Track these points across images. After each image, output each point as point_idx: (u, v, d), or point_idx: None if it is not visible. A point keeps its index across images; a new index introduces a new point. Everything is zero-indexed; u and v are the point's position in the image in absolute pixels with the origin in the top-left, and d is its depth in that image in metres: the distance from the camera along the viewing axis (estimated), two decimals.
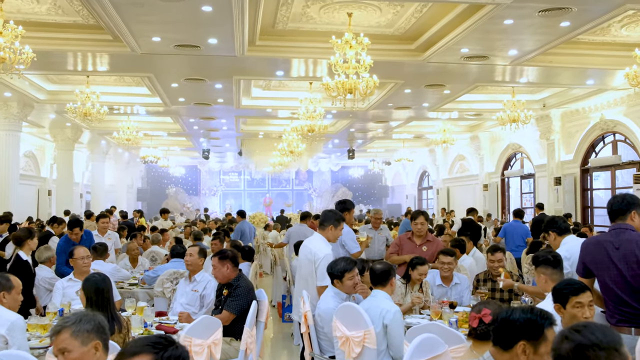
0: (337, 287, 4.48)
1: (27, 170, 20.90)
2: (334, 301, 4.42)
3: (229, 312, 4.75)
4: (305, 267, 5.06)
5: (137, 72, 11.67)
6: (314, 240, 5.12)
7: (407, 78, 12.07)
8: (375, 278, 4.37)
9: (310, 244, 5.09)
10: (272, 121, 19.19)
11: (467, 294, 5.60)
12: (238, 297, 4.77)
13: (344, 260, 4.58)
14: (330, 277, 4.50)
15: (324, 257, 4.85)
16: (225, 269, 4.90)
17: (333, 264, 4.54)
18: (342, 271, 4.45)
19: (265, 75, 12.01)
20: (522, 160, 19.65)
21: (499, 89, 14.52)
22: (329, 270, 4.53)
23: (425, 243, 6.29)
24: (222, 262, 4.91)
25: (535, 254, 4.37)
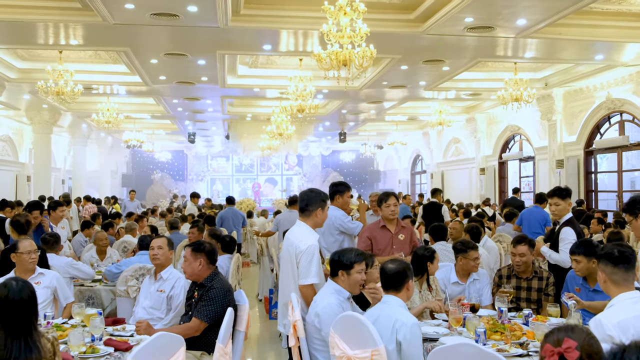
0: (340, 282, 3.69)
1: (3, 154, 19.96)
2: (335, 298, 3.65)
3: (199, 319, 3.92)
4: (286, 264, 4.23)
5: (112, 46, 10.74)
6: (296, 230, 4.27)
7: (404, 52, 11.22)
8: (387, 281, 3.52)
9: (291, 235, 4.25)
10: (261, 102, 18.33)
11: (487, 292, 4.79)
12: (211, 302, 3.94)
13: (355, 250, 3.80)
14: (335, 269, 3.71)
15: (307, 250, 4.02)
16: (197, 265, 4.09)
17: (341, 252, 3.76)
18: (352, 262, 3.68)
19: (251, 49, 11.11)
20: (521, 142, 18.90)
21: (500, 66, 13.73)
22: (335, 258, 3.73)
23: (400, 230, 5.48)
24: (196, 255, 4.11)
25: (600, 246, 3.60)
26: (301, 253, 4.02)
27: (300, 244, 4.07)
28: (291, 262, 4.11)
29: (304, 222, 4.25)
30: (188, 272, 4.10)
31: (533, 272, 4.84)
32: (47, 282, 4.57)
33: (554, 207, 5.45)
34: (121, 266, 5.49)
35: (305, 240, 4.08)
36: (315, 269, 4.00)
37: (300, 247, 4.05)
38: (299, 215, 4.30)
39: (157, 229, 7.41)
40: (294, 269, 4.08)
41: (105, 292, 5.53)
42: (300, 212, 4.27)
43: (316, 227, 4.27)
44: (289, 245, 4.18)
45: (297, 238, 4.13)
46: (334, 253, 3.81)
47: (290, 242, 4.18)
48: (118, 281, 4.97)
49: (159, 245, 4.54)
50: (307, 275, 3.96)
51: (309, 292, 3.96)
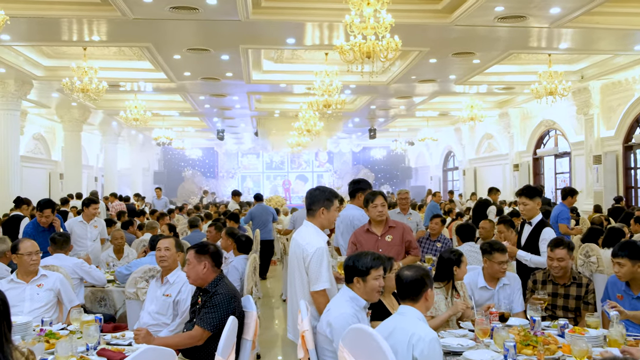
0: (355, 289, 3.36)
1: (36, 153, 20.18)
2: (351, 307, 3.31)
3: (202, 327, 3.63)
4: (293, 269, 3.89)
5: (134, 41, 10.64)
6: (303, 231, 3.94)
7: (432, 45, 10.85)
8: (404, 290, 3.17)
9: (298, 237, 3.92)
10: (288, 98, 18.09)
11: (518, 298, 4.39)
12: (214, 309, 3.64)
13: (371, 254, 3.45)
14: (350, 275, 3.38)
15: (315, 253, 3.71)
16: (201, 268, 3.78)
17: (356, 257, 3.42)
18: (368, 267, 3.35)
19: (275, 43, 10.88)
20: (557, 137, 18.27)
21: (534, 58, 13.22)
22: (350, 263, 3.41)
23: (387, 231, 4.96)
24: (200, 257, 3.79)
25: None
26: (309, 257, 3.71)
27: (307, 246, 3.76)
28: (299, 267, 3.81)
29: (311, 223, 3.94)
30: (192, 276, 3.81)
31: (571, 277, 4.41)
32: (49, 285, 4.38)
33: (522, 206, 5.22)
34: (131, 267, 5.28)
35: (313, 242, 3.76)
36: (327, 274, 3.70)
37: (307, 250, 3.74)
38: (306, 215, 4.00)
39: (175, 228, 7.21)
40: (302, 274, 3.78)
41: (117, 294, 5.35)
42: (307, 212, 3.99)
43: (323, 228, 3.95)
44: (296, 248, 3.86)
45: (304, 240, 3.81)
46: (349, 258, 3.48)
47: (297, 244, 3.86)
48: (127, 283, 4.77)
49: (166, 247, 4.30)
50: (318, 281, 3.66)
51: (321, 299, 3.65)
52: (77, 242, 7.17)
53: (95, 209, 7.36)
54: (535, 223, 5.18)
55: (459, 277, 4.12)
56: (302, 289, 3.77)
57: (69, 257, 5.41)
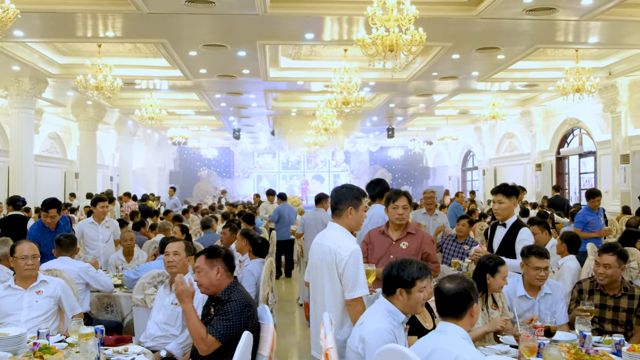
0: (396, 301, 2.97)
1: (52, 152, 20.10)
2: (387, 322, 2.92)
3: (212, 335, 3.25)
4: (321, 276, 3.45)
5: (149, 37, 10.37)
6: (331, 233, 3.50)
7: (456, 40, 10.46)
8: (445, 305, 2.78)
9: (326, 240, 3.48)
10: (305, 96, 17.79)
11: (561, 309, 3.96)
12: (226, 316, 3.28)
13: (416, 262, 3.04)
14: (392, 285, 2.98)
15: (351, 256, 3.32)
16: (214, 274, 3.39)
17: (400, 265, 3.01)
18: (414, 277, 2.96)
19: (293, 38, 10.56)
20: (581, 136, 17.76)
21: (560, 54, 12.78)
22: (394, 272, 3.00)
23: (404, 237, 4.42)
24: (212, 262, 3.41)
25: None
26: (344, 261, 3.32)
27: (340, 249, 3.35)
28: (330, 274, 3.39)
29: (337, 224, 3.53)
30: (205, 284, 3.40)
31: (622, 288, 4.00)
32: (50, 291, 4.04)
33: (497, 205, 4.80)
34: (140, 271, 4.94)
35: (346, 245, 3.37)
36: (364, 279, 3.33)
37: (341, 253, 3.34)
38: (332, 215, 3.59)
39: (188, 229, 6.91)
40: (334, 281, 3.37)
41: (125, 300, 5.03)
42: (332, 212, 3.58)
43: (351, 230, 3.55)
44: (324, 253, 3.43)
45: (335, 243, 3.40)
46: (391, 265, 3.05)
47: (326, 248, 3.43)
48: (134, 289, 4.44)
49: (175, 251, 3.97)
50: (355, 287, 3.28)
51: (359, 306, 3.27)
52: (88, 244, 6.90)
53: (103, 207, 6.99)
54: (510, 224, 4.76)
55: (492, 287, 3.71)
56: (334, 299, 3.38)
57: (75, 261, 5.09)
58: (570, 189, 17.85)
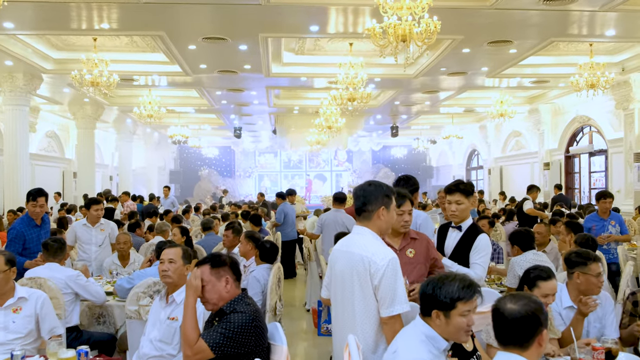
0: (434, 325, 2.49)
1: (49, 151, 19.68)
2: (427, 351, 2.46)
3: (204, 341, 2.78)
4: (349, 290, 2.93)
5: (147, 30, 9.91)
6: (360, 239, 2.97)
7: (467, 32, 10.01)
8: (508, 331, 2.27)
9: (355, 247, 2.95)
10: (308, 94, 17.36)
11: (611, 322, 3.51)
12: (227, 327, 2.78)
13: (460, 278, 2.50)
14: (428, 306, 2.50)
15: (389, 266, 2.81)
16: (223, 285, 2.92)
17: (438, 282, 2.50)
18: (454, 298, 2.46)
19: (296, 31, 10.11)
20: (591, 134, 17.30)
21: (573, 48, 12.34)
22: (429, 290, 2.50)
23: (409, 244, 3.70)
24: (219, 272, 2.93)
25: None
26: (380, 271, 2.81)
27: (375, 257, 2.83)
28: (361, 287, 2.88)
29: (366, 228, 3.00)
30: (213, 300, 2.92)
31: None
32: (29, 310, 3.52)
33: (454, 205, 4.00)
34: (134, 279, 4.46)
35: (381, 252, 2.86)
36: (404, 292, 2.84)
37: (377, 262, 2.82)
38: (358, 218, 3.06)
39: (188, 231, 6.44)
40: (367, 295, 2.86)
41: (119, 310, 4.54)
42: (357, 214, 3.04)
43: (382, 235, 3.03)
44: (354, 262, 2.91)
45: (368, 250, 2.88)
46: (430, 282, 2.55)
47: (355, 257, 2.91)
48: (127, 299, 3.97)
49: (170, 258, 3.49)
50: (394, 302, 2.79)
51: (397, 325, 2.78)
52: (80, 248, 6.43)
53: (97, 210, 6.49)
54: (466, 228, 4.03)
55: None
56: (367, 316, 2.86)
57: (63, 268, 4.57)
58: (581, 188, 17.38)
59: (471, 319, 2.46)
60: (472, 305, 2.44)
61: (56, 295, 3.96)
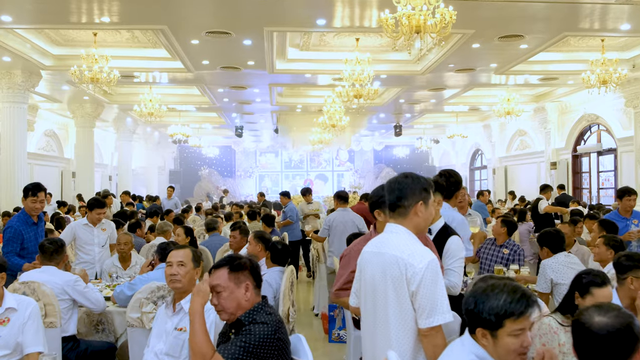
0: (483, 342, 2.12)
1: (48, 150, 19.37)
2: None
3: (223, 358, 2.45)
4: (383, 297, 2.56)
5: (148, 23, 9.62)
6: (394, 239, 2.59)
7: (478, 26, 9.72)
8: (598, 349, 1.90)
9: (388, 248, 2.57)
10: (312, 92, 17.07)
11: None
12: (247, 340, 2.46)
13: (509, 289, 2.08)
14: (472, 323, 2.14)
15: (428, 269, 2.44)
16: (242, 292, 2.60)
17: (480, 293, 2.12)
18: (500, 314, 2.05)
19: (303, 24, 9.80)
20: (600, 133, 17.01)
21: (583, 44, 12.06)
22: (470, 305, 2.13)
23: None
24: (237, 277, 2.61)
25: None
26: (419, 275, 2.43)
27: (413, 260, 2.46)
28: (397, 293, 2.49)
29: (401, 226, 2.62)
30: (230, 309, 2.58)
31: None
32: (18, 321, 3.12)
33: None
34: (135, 285, 4.07)
35: (419, 253, 2.49)
36: (445, 299, 2.45)
37: (414, 265, 2.44)
38: (389, 215, 2.69)
39: (192, 231, 6.11)
40: (403, 303, 2.48)
41: (119, 316, 4.20)
42: (391, 209, 2.66)
43: (419, 233, 2.66)
44: (387, 265, 2.53)
45: (404, 251, 2.50)
46: (472, 295, 2.17)
47: (389, 259, 2.53)
48: (129, 305, 3.63)
49: (180, 261, 3.16)
50: (434, 311, 2.41)
51: (438, 339, 2.43)
52: (82, 249, 6.09)
53: (99, 214, 6.15)
54: (436, 230, 3.65)
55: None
56: (403, 327, 2.48)
57: (61, 272, 4.21)
58: (591, 188, 17.08)
59: (527, 339, 2.07)
60: (525, 322, 2.04)
61: (51, 302, 3.65)
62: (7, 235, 5.02)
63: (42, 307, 3.62)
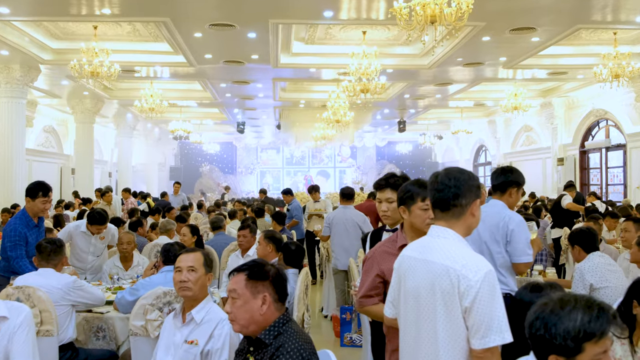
0: None
1: (47, 146, 19.10)
2: None
3: None
4: (430, 311, 2.21)
5: (150, 15, 9.33)
6: (444, 245, 2.26)
7: (490, 18, 9.43)
8: None
9: (436, 256, 2.23)
10: (315, 87, 16.80)
11: None
12: None
13: (584, 304, 1.74)
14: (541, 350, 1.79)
15: (484, 281, 2.10)
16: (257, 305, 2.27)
17: (550, 312, 1.76)
18: (579, 337, 1.71)
19: (309, 16, 9.51)
20: (608, 128, 16.72)
21: (595, 37, 11.75)
22: (537, 329, 1.78)
23: None
24: (255, 286, 2.29)
25: None
26: (474, 289, 2.09)
27: (467, 271, 2.12)
28: (447, 308, 2.16)
29: (450, 229, 2.29)
30: (242, 321, 2.27)
31: None
32: (10, 329, 2.77)
33: (385, 204, 3.30)
34: (138, 290, 3.72)
35: (473, 263, 2.15)
36: (504, 316, 2.10)
37: (469, 277, 2.11)
38: (437, 215, 2.35)
39: (198, 229, 5.81)
40: (454, 320, 2.14)
41: (121, 322, 3.87)
42: (442, 209, 2.30)
43: (467, 235, 2.34)
44: (436, 276, 2.20)
45: (456, 260, 2.17)
46: (538, 317, 1.81)
47: (439, 268, 2.19)
48: (133, 312, 3.33)
49: (190, 266, 2.85)
50: (490, 330, 2.07)
51: None
52: (75, 255, 5.77)
53: (99, 230, 5.66)
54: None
55: None
56: (453, 347, 2.15)
57: (59, 275, 3.88)
58: (602, 184, 16.79)
59: None
60: (607, 343, 1.70)
61: (47, 308, 3.36)
62: (13, 240, 4.69)
63: (38, 314, 3.35)
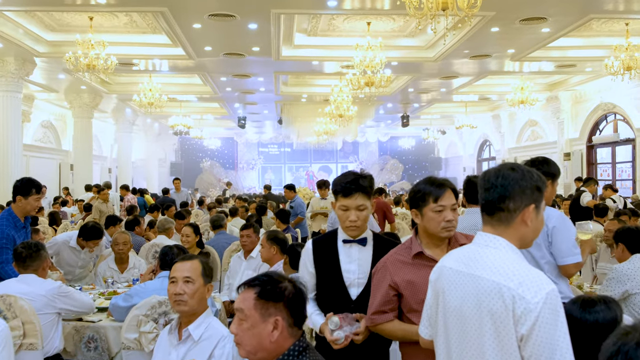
0: None
1: (45, 142, 18.79)
2: None
3: None
4: (476, 335, 1.83)
5: (147, 5, 9.01)
6: (495, 255, 1.86)
7: (499, 8, 9.11)
8: None
9: (485, 269, 1.85)
10: (317, 81, 16.48)
11: None
12: None
13: None
14: None
15: (546, 303, 1.72)
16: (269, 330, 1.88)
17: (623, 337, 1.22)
18: None
19: (312, 6, 9.20)
20: (616, 122, 16.39)
21: (605, 29, 11.43)
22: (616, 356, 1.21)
23: None
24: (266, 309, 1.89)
25: None
26: (533, 313, 1.72)
27: (523, 290, 1.75)
28: (498, 333, 1.78)
29: (502, 237, 1.90)
30: (248, 345, 1.89)
31: None
32: None
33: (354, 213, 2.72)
34: (132, 297, 3.42)
35: (532, 281, 1.77)
36: (569, 347, 1.71)
37: (526, 298, 1.73)
38: (484, 220, 1.96)
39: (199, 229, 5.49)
40: (506, 347, 1.77)
41: (114, 332, 3.53)
42: (489, 212, 1.93)
43: (523, 248, 1.94)
44: (484, 294, 1.83)
45: (509, 276, 1.79)
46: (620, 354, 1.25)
47: (486, 285, 1.82)
48: (125, 324, 3.02)
49: (187, 277, 2.53)
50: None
51: None
52: (61, 266, 5.43)
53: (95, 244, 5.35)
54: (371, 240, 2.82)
55: None
56: None
57: (42, 281, 3.56)
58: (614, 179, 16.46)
59: None
60: None
61: (31, 319, 3.06)
62: (0, 243, 4.36)
63: (20, 325, 3.05)
